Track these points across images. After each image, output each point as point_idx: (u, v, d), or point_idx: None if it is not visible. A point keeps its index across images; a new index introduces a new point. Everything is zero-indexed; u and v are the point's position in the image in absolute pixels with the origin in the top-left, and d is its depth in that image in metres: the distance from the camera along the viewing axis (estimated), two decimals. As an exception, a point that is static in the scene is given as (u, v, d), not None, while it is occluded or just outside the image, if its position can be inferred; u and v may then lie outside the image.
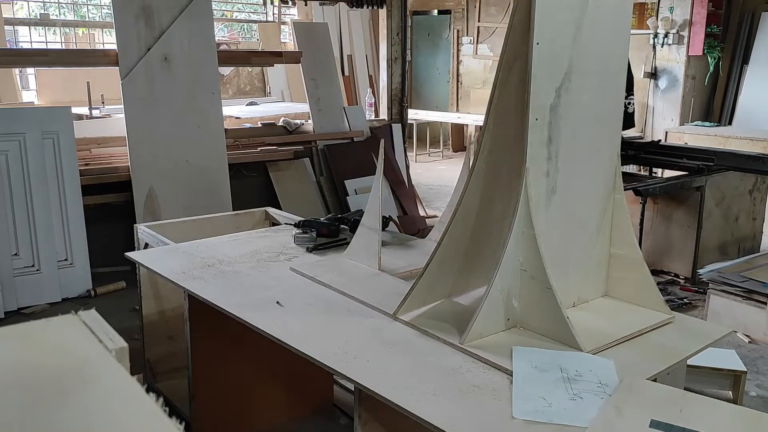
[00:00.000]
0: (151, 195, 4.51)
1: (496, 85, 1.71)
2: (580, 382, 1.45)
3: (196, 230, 2.88)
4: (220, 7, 9.99)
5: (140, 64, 4.47)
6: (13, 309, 3.91)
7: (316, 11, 9.07)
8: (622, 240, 1.89)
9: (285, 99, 8.98)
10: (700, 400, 1.42)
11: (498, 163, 1.78)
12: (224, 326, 2.07)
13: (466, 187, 1.77)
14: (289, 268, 2.21)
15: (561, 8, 1.65)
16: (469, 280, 1.92)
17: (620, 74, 1.85)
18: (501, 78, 1.70)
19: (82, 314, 0.88)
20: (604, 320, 1.78)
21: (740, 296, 3.63)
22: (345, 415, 2.69)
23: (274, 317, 1.83)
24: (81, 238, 4.17)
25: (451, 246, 1.80)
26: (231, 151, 5.01)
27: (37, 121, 4.01)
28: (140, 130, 4.49)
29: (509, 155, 1.74)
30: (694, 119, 7.57)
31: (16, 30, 8.30)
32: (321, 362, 1.57)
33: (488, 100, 1.72)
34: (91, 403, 0.69)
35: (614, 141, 1.88)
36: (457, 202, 1.79)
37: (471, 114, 9.28)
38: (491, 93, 1.73)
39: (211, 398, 2.37)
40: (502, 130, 1.75)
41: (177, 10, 4.59)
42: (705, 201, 4.40)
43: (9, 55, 5.10)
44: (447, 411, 1.36)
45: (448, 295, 1.91)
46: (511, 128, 1.73)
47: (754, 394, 3.05)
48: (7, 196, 3.92)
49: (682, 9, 7.32)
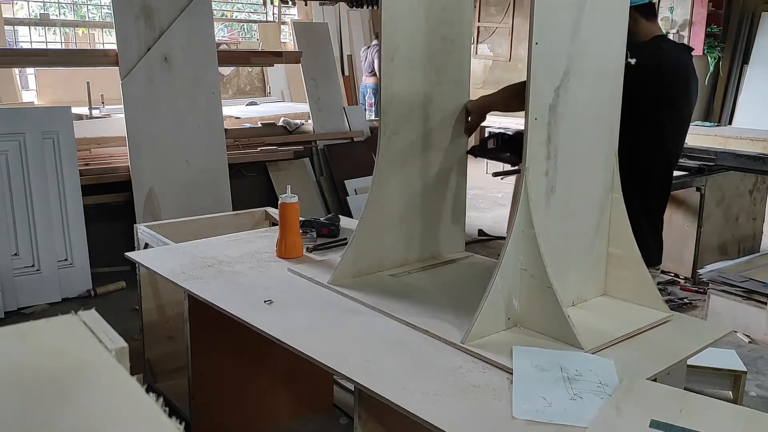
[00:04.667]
0: (151, 195, 4.52)
1: (383, 73, 2.00)
2: (580, 382, 1.45)
3: (196, 230, 2.88)
4: (220, 7, 9.99)
5: (140, 64, 4.47)
6: (13, 309, 3.91)
7: (316, 11, 9.08)
8: (620, 239, 1.90)
9: (285, 99, 8.98)
10: (700, 400, 1.42)
11: (405, 143, 2.09)
12: (224, 326, 2.07)
13: (378, 167, 2.05)
14: (287, 269, 2.21)
15: (559, 8, 1.66)
16: (409, 253, 2.19)
17: (618, 74, 1.86)
18: (385, 68, 1.99)
19: (82, 314, 0.88)
20: (603, 319, 1.78)
21: (740, 296, 3.63)
22: (345, 415, 2.70)
23: (274, 317, 1.83)
24: (81, 238, 4.17)
25: (374, 221, 2.08)
26: (231, 151, 5.01)
27: (37, 121, 4.01)
28: (140, 130, 4.49)
29: (411, 136, 2.11)
30: (694, 119, 7.57)
31: (16, 30, 8.30)
32: (321, 362, 1.57)
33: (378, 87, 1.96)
34: (91, 403, 0.69)
35: (612, 140, 1.88)
36: (373, 180, 2.05)
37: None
38: (378, 83, 2.08)
39: (211, 398, 2.37)
40: (398, 112, 2.05)
41: (177, 10, 4.59)
42: (705, 201, 4.40)
43: (9, 55, 5.10)
44: (447, 411, 1.36)
45: (386, 266, 2.14)
46: (405, 108, 2.07)
47: (754, 394, 3.05)
48: (7, 196, 3.92)
49: (682, 9, 7.33)
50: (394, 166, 2.08)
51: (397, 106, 2.05)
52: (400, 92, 2.05)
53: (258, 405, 2.52)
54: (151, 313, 2.81)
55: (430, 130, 2.16)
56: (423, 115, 2.13)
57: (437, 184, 2.21)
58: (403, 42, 2.02)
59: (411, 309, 1.85)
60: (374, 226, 2.08)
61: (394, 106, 2.04)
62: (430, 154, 2.17)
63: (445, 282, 2.09)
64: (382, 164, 2.05)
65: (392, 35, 1.99)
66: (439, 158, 2.20)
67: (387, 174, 2.07)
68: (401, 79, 2.05)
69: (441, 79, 2.15)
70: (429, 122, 2.15)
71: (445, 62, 2.14)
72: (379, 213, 2.08)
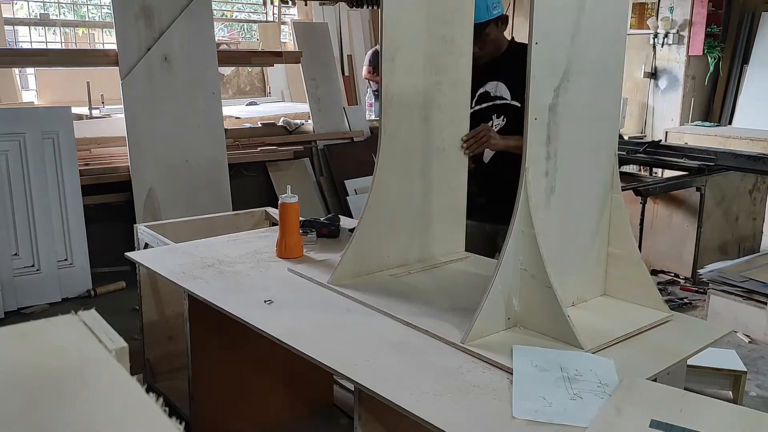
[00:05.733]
0: (151, 195, 4.52)
1: (384, 73, 2.01)
2: (581, 382, 1.45)
3: (196, 230, 2.88)
4: (220, 7, 9.98)
5: (140, 64, 4.47)
6: (13, 309, 3.91)
7: (316, 11, 9.07)
8: (620, 239, 1.90)
9: (285, 99, 8.97)
10: (700, 400, 1.42)
11: (405, 143, 2.10)
12: (224, 326, 2.07)
13: (378, 167, 2.05)
14: (287, 269, 2.21)
15: (559, 8, 1.66)
16: (409, 253, 2.20)
17: (617, 74, 1.86)
18: (386, 68, 1.99)
19: (82, 314, 0.88)
20: (603, 319, 1.78)
21: (740, 296, 3.63)
22: (345, 415, 2.69)
23: (274, 317, 1.83)
24: (81, 238, 4.17)
25: (373, 221, 2.08)
26: (231, 151, 5.01)
27: (37, 121, 4.01)
28: (140, 130, 4.49)
29: (411, 136, 2.11)
30: (694, 119, 7.57)
31: (16, 30, 8.29)
32: (321, 362, 1.57)
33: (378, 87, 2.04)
34: (91, 403, 0.69)
35: (612, 140, 1.88)
36: (373, 180, 2.05)
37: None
38: (379, 82, 2.05)
39: (211, 398, 2.37)
40: (399, 112, 2.06)
41: (177, 10, 4.59)
42: (705, 201, 4.40)
43: (9, 55, 5.10)
44: (447, 411, 1.36)
45: (386, 267, 2.14)
46: (405, 108, 2.07)
47: (754, 394, 3.05)
48: (7, 196, 3.92)
49: (682, 9, 7.33)
50: (394, 166, 2.08)
51: (397, 106, 2.05)
52: (400, 92, 2.05)
53: (258, 405, 2.52)
54: (151, 313, 2.81)
55: (430, 130, 2.16)
56: (423, 115, 2.13)
57: (437, 184, 2.21)
58: (403, 42, 2.02)
59: (411, 309, 1.85)
60: (374, 226, 2.08)
61: (394, 106, 2.05)
62: (430, 154, 2.17)
63: (445, 282, 2.09)
64: (382, 164, 2.05)
65: (392, 35, 1.99)
66: (439, 158, 2.20)
67: (387, 174, 2.07)
68: (401, 79, 2.05)
69: (441, 79, 2.15)
70: (429, 122, 2.15)
71: (445, 62, 2.15)
72: (379, 213, 2.08)
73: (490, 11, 2.40)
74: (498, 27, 2.48)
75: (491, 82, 2.53)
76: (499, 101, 2.52)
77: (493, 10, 2.42)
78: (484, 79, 2.51)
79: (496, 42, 2.50)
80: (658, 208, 4.59)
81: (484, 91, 2.54)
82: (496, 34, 2.48)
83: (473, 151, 2.28)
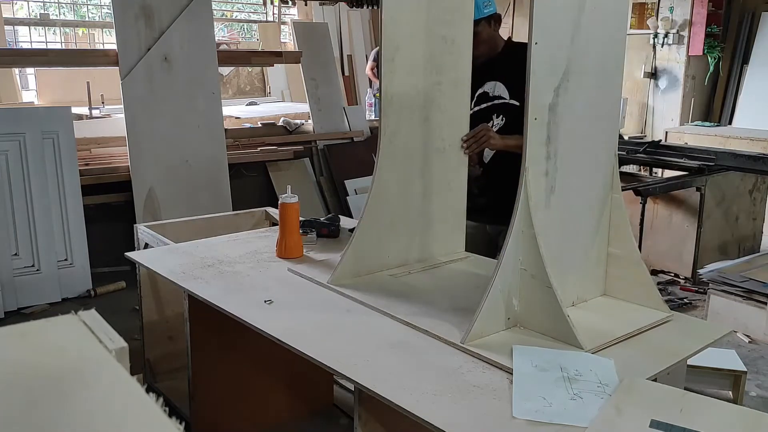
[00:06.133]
0: (151, 195, 4.52)
1: (384, 73, 2.01)
2: (581, 382, 1.45)
3: (196, 230, 2.88)
4: (220, 7, 9.98)
5: (140, 64, 4.47)
6: (13, 309, 3.91)
7: (316, 11, 9.06)
8: (620, 239, 1.90)
9: (285, 99, 8.97)
10: (700, 400, 1.42)
11: (405, 143, 2.10)
12: (224, 326, 2.07)
13: (378, 167, 2.05)
14: (287, 269, 2.21)
15: (559, 8, 1.66)
16: (409, 253, 2.20)
17: (617, 74, 1.86)
18: (386, 68, 1.99)
19: (82, 314, 0.88)
20: (603, 319, 1.78)
21: (740, 296, 3.63)
22: (345, 415, 2.69)
23: (274, 317, 1.83)
24: (81, 238, 4.17)
25: (373, 221, 2.08)
26: (231, 151, 5.01)
27: (37, 121, 4.01)
28: (140, 130, 4.49)
29: (411, 136, 2.11)
30: (694, 119, 7.57)
31: (16, 30, 8.28)
32: (321, 362, 1.57)
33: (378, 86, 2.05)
34: (91, 403, 0.69)
35: (612, 140, 1.88)
36: (373, 180, 2.05)
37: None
38: (379, 82, 2.05)
39: (211, 398, 2.37)
40: (398, 112, 2.06)
41: (177, 10, 4.59)
42: (705, 201, 4.40)
43: (9, 55, 5.10)
44: (447, 411, 1.36)
45: (386, 267, 2.14)
46: (405, 108, 2.07)
47: (754, 394, 3.05)
48: (7, 196, 3.92)
49: (682, 9, 7.33)
50: (394, 166, 2.08)
51: (397, 106, 2.05)
52: (400, 92, 2.05)
53: (258, 405, 2.52)
54: (151, 313, 2.81)
55: (430, 130, 2.16)
56: (423, 115, 2.13)
57: (437, 184, 2.21)
58: (403, 42, 2.02)
59: (411, 309, 1.85)
60: (374, 226, 2.08)
61: (394, 106, 2.05)
62: (430, 154, 2.17)
63: (445, 282, 2.09)
64: (382, 164, 2.05)
65: (392, 35, 1.99)
66: (439, 158, 2.20)
67: (387, 174, 2.07)
68: (401, 79, 2.05)
69: (441, 79, 2.15)
70: (429, 122, 2.15)
71: (445, 62, 2.14)
72: (379, 213, 2.08)
73: (481, 10, 2.37)
74: (491, 26, 2.47)
75: (489, 83, 2.53)
76: (498, 101, 2.52)
77: (484, 9, 2.40)
78: (483, 80, 2.51)
79: (491, 41, 2.48)
80: (658, 208, 4.59)
81: (482, 91, 2.54)
82: (489, 33, 2.46)
83: (473, 151, 2.28)
